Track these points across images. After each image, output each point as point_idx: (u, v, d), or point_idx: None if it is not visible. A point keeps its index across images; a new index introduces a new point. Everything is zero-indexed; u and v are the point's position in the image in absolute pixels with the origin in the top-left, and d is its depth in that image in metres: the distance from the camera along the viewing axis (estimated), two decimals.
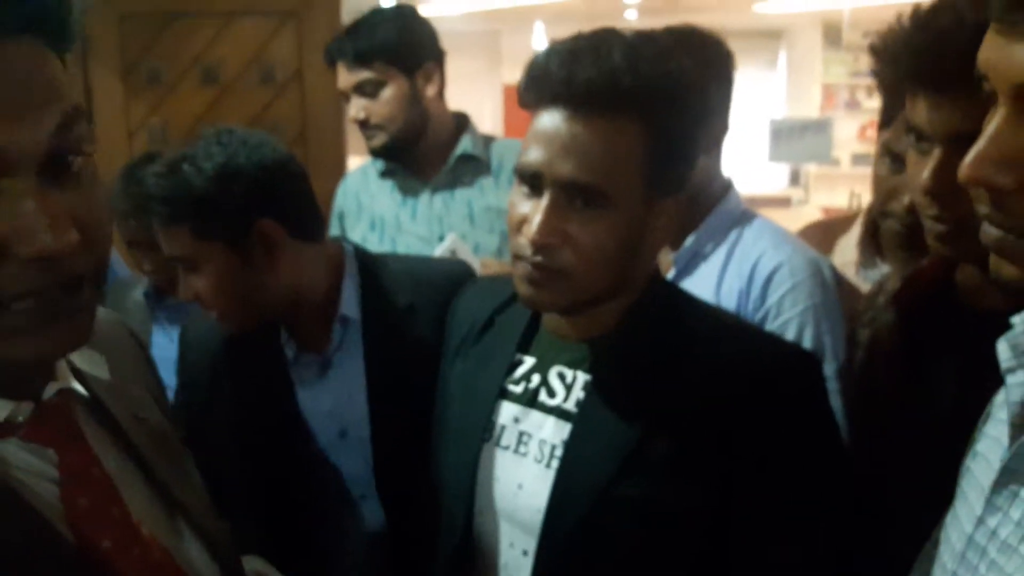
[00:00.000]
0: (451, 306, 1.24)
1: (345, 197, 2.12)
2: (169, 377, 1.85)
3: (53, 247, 0.57)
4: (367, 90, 1.87)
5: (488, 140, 2.03)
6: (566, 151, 0.91)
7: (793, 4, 7.71)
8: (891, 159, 1.26)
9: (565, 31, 0.99)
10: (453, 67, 2.05)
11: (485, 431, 1.07)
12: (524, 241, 0.94)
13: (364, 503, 1.31)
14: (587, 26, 0.98)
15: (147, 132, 3.20)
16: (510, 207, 0.98)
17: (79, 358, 0.75)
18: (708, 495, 0.94)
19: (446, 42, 2.01)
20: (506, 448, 1.05)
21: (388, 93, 1.86)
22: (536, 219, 0.93)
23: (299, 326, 1.31)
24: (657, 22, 1.41)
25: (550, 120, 0.93)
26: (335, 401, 1.30)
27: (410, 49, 1.89)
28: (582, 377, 1.02)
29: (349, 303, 1.30)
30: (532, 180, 0.95)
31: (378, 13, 1.91)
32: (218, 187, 1.16)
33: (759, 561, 0.96)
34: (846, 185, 7.03)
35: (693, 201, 1.37)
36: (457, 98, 2.14)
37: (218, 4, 3.17)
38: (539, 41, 8.95)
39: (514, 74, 0.97)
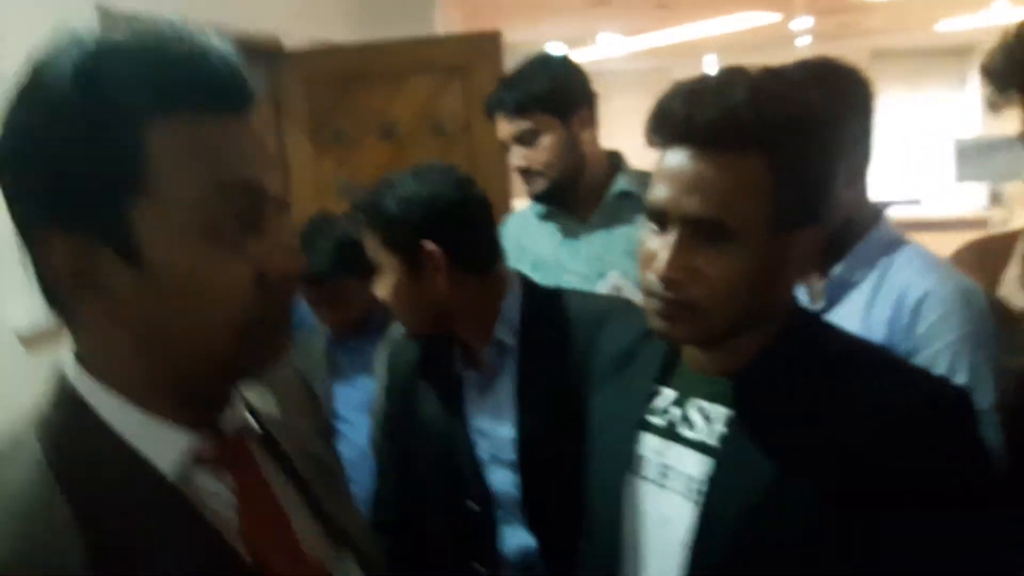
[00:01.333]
0: (595, 337, 1.30)
1: (506, 241, 2.19)
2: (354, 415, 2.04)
3: (295, 270, 0.71)
4: (526, 139, 1.94)
5: (644, 176, 2.00)
6: (690, 188, 0.94)
7: (975, 20, 7.25)
8: None
9: (735, 62, 1.02)
10: (622, 104, 2.09)
11: (628, 461, 1.09)
12: (653, 277, 0.97)
13: (509, 526, 1.38)
14: (757, 56, 1.00)
15: (336, 185, 3.47)
16: (640, 244, 1.01)
17: (251, 394, 0.85)
18: (854, 535, 0.91)
19: (613, 80, 2.05)
20: (650, 480, 1.07)
21: (546, 141, 1.92)
22: (663, 255, 0.95)
23: (462, 345, 1.44)
24: (831, 48, 1.41)
25: (674, 159, 0.96)
26: (490, 423, 1.39)
27: (564, 96, 1.94)
28: (723, 411, 1.02)
29: (504, 329, 1.41)
30: (659, 217, 0.98)
31: (532, 64, 1.98)
32: (399, 208, 1.35)
33: None
34: None
35: (840, 231, 1.36)
36: (627, 135, 2.16)
37: (392, 65, 3.42)
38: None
39: None
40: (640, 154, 2.07)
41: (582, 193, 1.99)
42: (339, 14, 4.05)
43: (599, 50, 8.16)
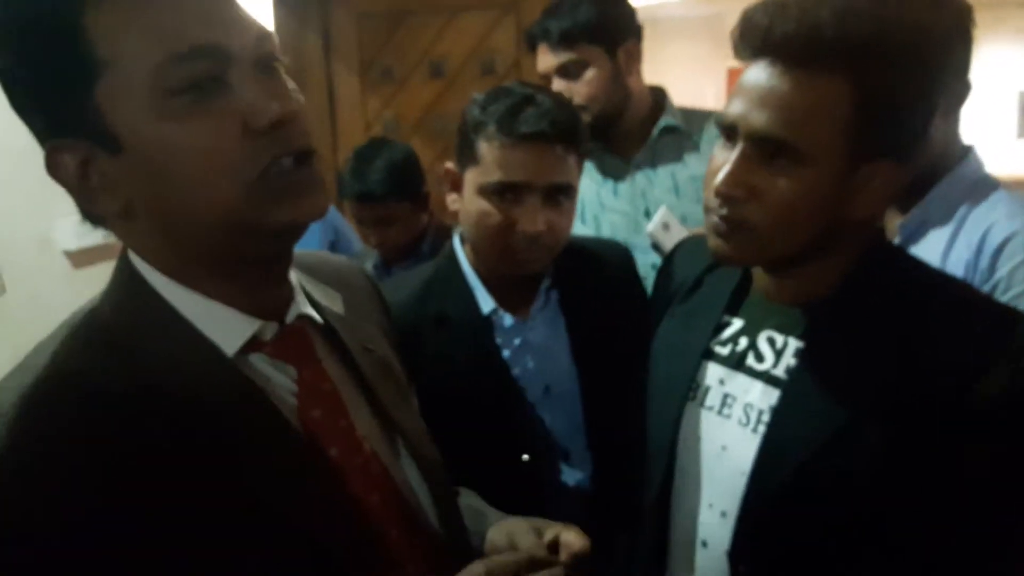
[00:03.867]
0: (662, 265, 1.28)
1: None
2: None
3: (282, 112, 0.68)
4: (570, 71, 1.86)
5: (689, 113, 2.00)
6: (762, 103, 0.89)
7: None
8: None
9: None
10: (677, 50, 2.03)
11: (689, 390, 1.08)
12: (711, 192, 0.95)
13: (569, 458, 1.38)
14: None
15: (382, 123, 3.46)
16: (710, 160, 0.98)
17: (317, 292, 0.86)
18: (924, 475, 0.88)
19: (669, 26, 1.98)
20: (710, 409, 1.06)
21: (591, 73, 1.85)
22: (724, 170, 0.92)
23: (502, 286, 1.38)
24: None
25: (753, 73, 0.92)
26: (539, 359, 1.37)
27: (611, 27, 1.87)
28: (793, 343, 1.00)
29: (549, 275, 1.39)
30: (728, 131, 0.94)
31: None
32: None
33: (974, 549, 0.89)
34: None
35: (927, 167, 1.30)
36: (680, 82, 2.10)
37: (443, 1, 3.38)
38: None
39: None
40: (694, 101, 2.02)
41: (625, 129, 1.94)
42: None
43: None
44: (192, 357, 0.70)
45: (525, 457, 1.31)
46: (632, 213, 1.93)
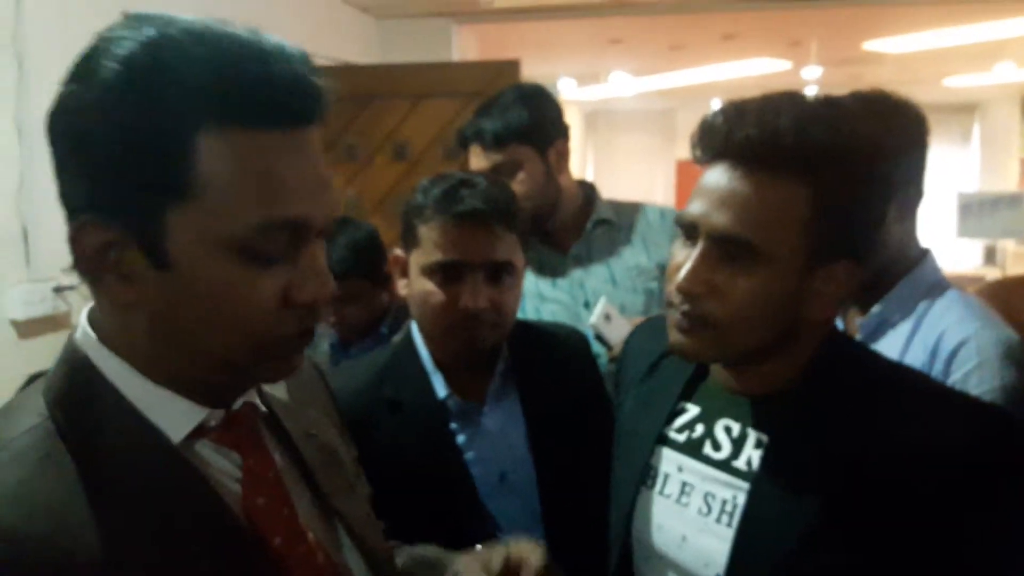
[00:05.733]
0: (625, 344, 1.29)
1: None
2: None
3: (320, 296, 0.70)
4: (504, 171, 1.85)
5: (617, 204, 2.06)
6: (722, 203, 0.91)
7: (985, 77, 7.36)
8: None
9: None
10: (630, 142, 2.11)
11: (646, 476, 1.07)
12: (673, 288, 0.96)
13: None
14: None
15: (344, 201, 3.50)
16: (671, 257, 0.99)
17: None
18: (900, 566, 0.88)
19: (624, 119, 2.06)
20: (668, 496, 1.05)
21: (523, 173, 1.87)
22: (686, 267, 0.94)
23: (456, 372, 1.38)
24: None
25: (713, 175, 0.93)
26: (495, 445, 1.36)
27: (543, 128, 1.91)
28: (753, 434, 0.99)
29: (505, 358, 1.40)
30: (688, 230, 0.96)
31: (508, 95, 1.94)
32: None
33: None
34: None
35: (884, 269, 1.33)
36: (633, 172, 2.19)
37: (411, 86, 3.46)
38: None
39: (688, 150, 1.02)
40: (645, 192, 2.11)
41: (559, 224, 1.97)
42: (358, 38, 4.12)
43: (609, 88, 8.26)
44: (137, 444, 0.68)
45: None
46: (571, 304, 1.96)
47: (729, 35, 5.71)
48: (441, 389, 1.37)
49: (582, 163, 10.07)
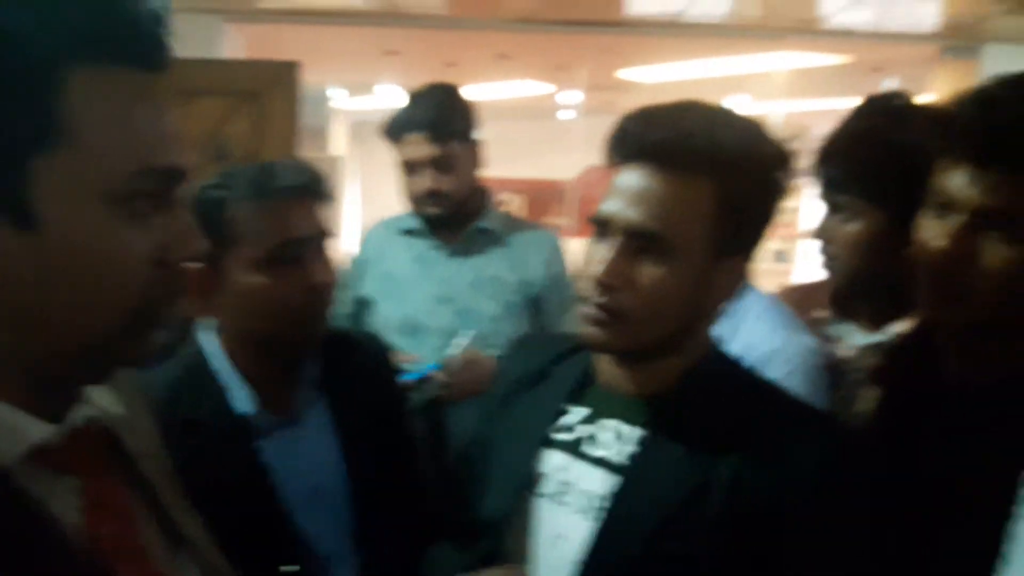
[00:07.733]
0: (505, 358, 1.30)
1: (369, 247, 2.23)
2: None
3: (195, 251, 0.65)
4: (443, 164, 1.98)
5: (505, 218, 2.17)
6: (635, 200, 0.97)
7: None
8: None
9: (504, 126, 1.06)
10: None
11: (527, 478, 1.08)
12: (588, 282, 1.00)
13: (332, 561, 1.31)
14: (523, 123, 1.06)
15: None
16: (585, 254, 1.04)
17: (95, 392, 0.75)
18: (753, 560, 0.95)
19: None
20: (546, 497, 1.07)
21: (457, 169, 2.01)
22: (603, 261, 0.98)
23: (264, 385, 1.30)
24: (595, 121, 1.47)
25: (626, 175, 1.00)
26: (305, 457, 1.30)
27: (471, 124, 2.04)
28: (635, 432, 1.04)
29: (310, 367, 1.34)
30: (602, 226, 1.01)
31: (438, 91, 2.05)
32: None
33: None
34: None
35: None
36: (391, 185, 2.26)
37: (178, 83, 3.23)
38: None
39: None
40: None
41: (451, 219, 2.07)
42: None
43: (378, 100, 8.21)
44: None
45: (293, 568, 1.21)
46: (436, 296, 2.05)
47: (503, 55, 5.88)
48: (244, 403, 1.28)
49: (351, 175, 9.94)
